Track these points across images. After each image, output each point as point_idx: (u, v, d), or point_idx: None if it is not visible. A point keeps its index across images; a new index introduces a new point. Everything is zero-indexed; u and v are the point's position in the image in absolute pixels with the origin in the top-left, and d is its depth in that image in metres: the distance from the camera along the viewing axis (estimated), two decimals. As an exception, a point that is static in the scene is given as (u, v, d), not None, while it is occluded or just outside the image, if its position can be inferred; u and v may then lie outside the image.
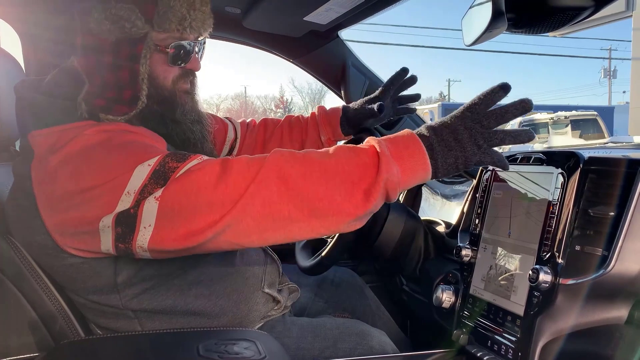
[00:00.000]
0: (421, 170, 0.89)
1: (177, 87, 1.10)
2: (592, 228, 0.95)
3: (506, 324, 1.03)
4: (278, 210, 0.86)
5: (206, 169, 0.89)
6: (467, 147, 0.89)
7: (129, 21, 1.00)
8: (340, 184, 0.87)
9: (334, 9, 1.57)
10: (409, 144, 0.90)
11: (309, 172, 0.87)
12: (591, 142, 10.76)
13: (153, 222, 0.88)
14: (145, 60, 1.03)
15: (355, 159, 0.89)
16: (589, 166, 0.99)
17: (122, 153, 0.93)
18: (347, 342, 1.19)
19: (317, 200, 0.86)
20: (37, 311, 1.02)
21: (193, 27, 1.06)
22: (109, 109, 1.02)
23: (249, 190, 0.86)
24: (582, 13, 1.01)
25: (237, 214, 0.86)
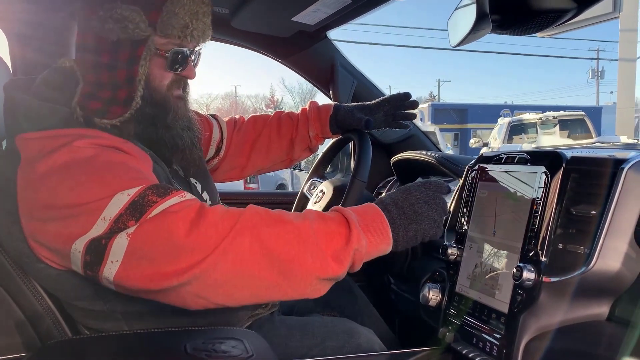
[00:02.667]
0: (385, 244, 0.95)
1: (171, 93, 1.11)
2: (575, 227, 0.96)
3: (491, 321, 1.05)
4: (249, 269, 0.87)
5: (182, 214, 0.88)
6: (424, 221, 0.98)
7: (133, 22, 1.01)
8: (311, 248, 0.89)
9: (322, 10, 1.57)
10: (375, 218, 0.95)
11: (282, 232, 0.89)
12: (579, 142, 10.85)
13: (120, 258, 0.87)
14: (144, 62, 1.04)
15: (326, 227, 0.91)
16: (571, 166, 1.00)
17: (105, 175, 0.92)
18: (335, 340, 1.20)
19: (288, 262, 0.88)
20: (24, 311, 1.02)
21: (194, 36, 1.08)
22: (104, 112, 1.02)
23: (221, 245, 0.86)
24: (564, 15, 1.03)
25: (206, 267, 0.85)
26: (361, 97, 1.95)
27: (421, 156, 1.69)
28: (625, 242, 0.91)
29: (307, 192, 1.77)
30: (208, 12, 1.11)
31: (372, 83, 2.03)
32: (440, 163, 1.60)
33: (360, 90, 1.98)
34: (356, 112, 1.49)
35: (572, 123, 13.20)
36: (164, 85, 1.10)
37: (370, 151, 1.40)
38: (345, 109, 1.51)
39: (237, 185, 4.84)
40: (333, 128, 1.51)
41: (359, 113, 1.48)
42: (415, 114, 1.55)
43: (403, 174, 1.84)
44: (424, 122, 16.46)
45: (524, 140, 12.61)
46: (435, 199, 1.00)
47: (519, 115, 15.70)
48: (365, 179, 1.33)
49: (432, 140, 2.12)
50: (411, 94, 1.49)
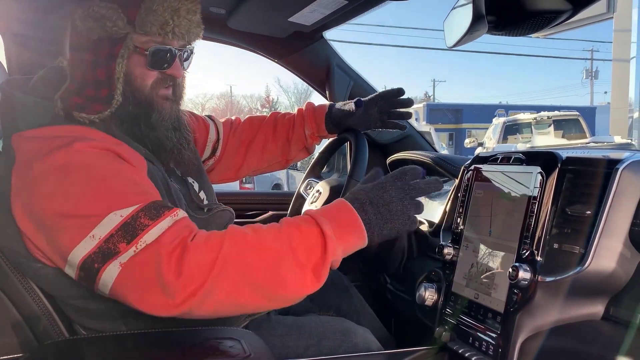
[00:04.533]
0: (359, 244, 0.98)
1: (156, 92, 1.10)
2: (570, 226, 0.97)
3: (487, 320, 1.05)
4: (235, 299, 0.90)
5: (169, 248, 0.88)
6: (399, 220, 0.99)
7: (111, 20, 1.01)
8: (292, 268, 0.91)
9: (318, 10, 1.58)
10: (350, 222, 0.96)
11: (263, 259, 0.90)
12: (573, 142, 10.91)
13: (111, 284, 0.90)
14: (122, 60, 1.03)
15: (304, 242, 0.93)
16: (566, 166, 1.01)
17: (100, 189, 0.92)
18: (332, 340, 1.20)
19: (271, 287, 0.91)
20: (21, 312, 1.02)
21: (176, 33, 1.06)
22: (84, 107, 1.02)
23: (206, 284, 0.86)
24: (560, 16, 1.04)
25: (193, 306, 0.87)
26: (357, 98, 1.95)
27: (417, 156, 1.70)
28: (620, 242, 0.91)
29: (304, 192, 1.77)
30: (193, 9, 1.09)
31: (368, 83, 2.04)
32: (436, 163, 1.61)
33: (356, 91, 1.98)
34: (347, 103, 1.50)
35: (567, 123, 13.25)
36: (147, 84, 1.08)
37: (366, 151, 1.41)
38: (339, 107, 1.52)
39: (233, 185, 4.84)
40: (329, 126, 1.52)
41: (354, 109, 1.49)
42: (410, 112, 1.55)
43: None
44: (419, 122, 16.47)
45: (518, 140, 12.66)
46: (409, 193, 1.00)
47: (513, 115, 15.75)
48: (362, 179, 1.33)
49: (428, 140, 2.13)
50: (404, 90, 1.49)
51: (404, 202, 0.99)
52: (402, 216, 0.99)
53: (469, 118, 22.55)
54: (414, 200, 1.01)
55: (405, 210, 0.99)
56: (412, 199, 1.01)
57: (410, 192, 1.01)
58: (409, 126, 2.08)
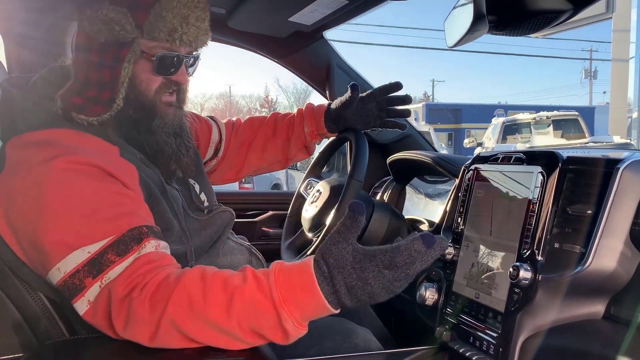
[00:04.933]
0: (323, 313, 0.88)
1: (159, 97, 1.10)
2: (571, 226, 0.97)
3: (488, 320, 1.05)
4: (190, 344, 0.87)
5: (120, 296, 0.86)
6: (377, 296, 0.85)
7: (119, 24, 1.01)
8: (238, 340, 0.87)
9: (318, 10, 1.58)
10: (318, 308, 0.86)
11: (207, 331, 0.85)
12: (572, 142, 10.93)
13: (81, 313, 0.91)
14: (128, 65, 1.03)
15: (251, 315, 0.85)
16: (567, 165, 1.01)
17: (72, 217, 0.90)
18: (333, 340, 1.20)
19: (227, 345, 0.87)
20: (21, 312, 1.02)
21: (184, 40, 1.06)
22: (83, 108, 1.02)
23: (153, 342, 0.86)
24: (561, 16, 1.04)
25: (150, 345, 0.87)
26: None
27: (417, 156, 1.69)
28: (620, 242, 0.92)
29: (304, 192, 1.77)
30: (202, 16, 1.09)
31: (368, 83, 2.04)
32: (436, 163, 1.61)
33: (356, 90, 1.98)
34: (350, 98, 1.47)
35: (566, 123, 13.27)
36: (151, 89, 1.08)
37: (366, 151, 1.41)
38: (337, 104, 1.50)
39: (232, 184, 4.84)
40: (328, 124, 1.51)
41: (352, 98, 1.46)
42: (409, 110, 1.52)
43: (399, 173, 1.84)
44: (418, 122, 16.50)
45: (517, 140, 12.68)
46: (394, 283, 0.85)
47: (512, 115, 15.77)
48: (362, 178, 1.33)
49: (427, 140, 2.13)
50: (402, 84, 1.45)
51: (389, 289, 0.85)
52: (381, 291, 0.84)
53: (468, 118, 22.57)
54: (401, 280, 0.85)
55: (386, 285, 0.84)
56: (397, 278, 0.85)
57: (394, 283, 0.85)
58: (409, 126, 2.08)
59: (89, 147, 1.00)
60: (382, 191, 1.89)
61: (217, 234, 1.25)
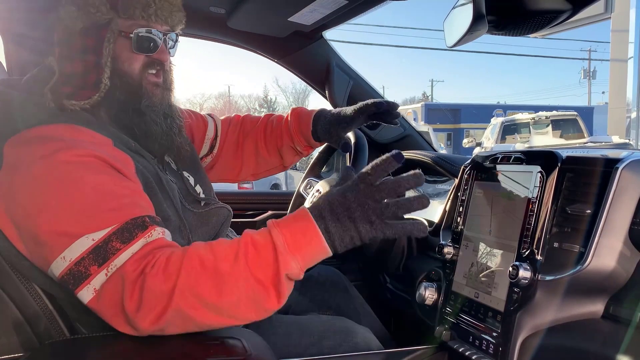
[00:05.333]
0: (320, 253, 0.91)
1: (144, 77, 1.11)
2: (570, 225, 0.98)
3: (487, 319, 1.06)
4: (200, 321, 0.89)
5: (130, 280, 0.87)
6: (360, 226, 0.89)
7: (94, 6, 1.04)
8: (252, 288, 0.88)
9: (318, 10, 1.58)
10: (306, 231, 0.90)
11: (221, 283, 0.87)
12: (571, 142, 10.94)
13: (85, 303, 0.90)
14: (108, 44, 1.05)
15: (259, 260, 0.88)
16: (566, 165, 1.01)
17: (76, 207, 0.91)
18: (332, 339, 1.21)
19: (234, 308, 0.89)
20: (22, 311, 1.02)
21: (159, 15, 1.09)
22: (73, 94, 1.03)
23: (167, 312, 0.86)
24: (560, 16, 1.04)
25: (156, 331, 0.89)
26: (357, 97, 1.95)
27: (417, 156, 1.70)
28: (619, 241, 0.92)
29: (304, 191, 1.77)
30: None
31: (368, 83, 2.04)
32: (436, 163, 1.61)
33: (355, 90, 1.98)
34: (333, 128, 1.39)
35: (565, 123, 13.29)
36: (134, 68, 1.10)
37: (366, 151, 1.41)
38: (322, 125, 1.42)
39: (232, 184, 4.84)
40: (317, 138, 1.46)
41: (337, 129, 1.39)
42: (398, 113, 1.41)
43: (398, 173, 1.85)
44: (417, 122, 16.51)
45: (516, 140, 12.69)
46: (373, 196, 0.90)
47: (511, 115, 15.78)
48: None
49: (426, 140, 2.13)
50: (384, 104, 1.34)
51: (365, 208, 0.89)
52: (363, 223, 0.89)
53: (467, 118, 22.58)
54: (379, 204, 0.90)
55: (366, 216, 0.89)
56: (377, 202, 0.90)
57: (374, 194, 0.90)
58: (409, 126, 2.08)
59: (86, 140, 1.01)
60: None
61: (215, 231, 1.25)
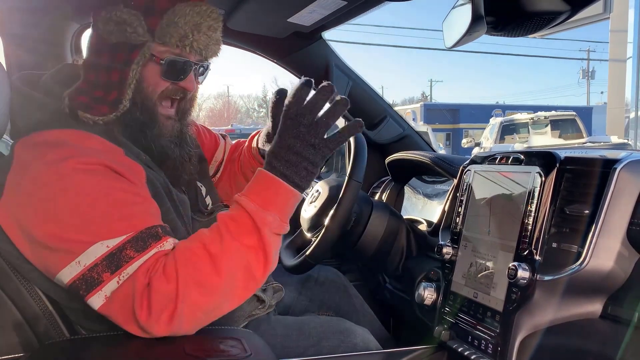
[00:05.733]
0: (290, 197, 0.97)
1: (159, 105, 1.10)
2: (568, 226, 0.98)
3: (486, 319, 1.06)
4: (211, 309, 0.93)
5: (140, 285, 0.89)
6: (306, 154, 0.96)
7: (131, 26, 1.03)
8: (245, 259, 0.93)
9: (317, 11, 1.58)
10: (268, 186, 0.96)
11: (218, 265, 0.92)
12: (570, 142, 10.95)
13: (96, 309, 0.91)
14: (137, 67, 1.04)
15: (241, 228, 0.94)
16: (565, 166, 1.02)
17: (89, 214, 0.92)
18: (331, 340, 1.21)
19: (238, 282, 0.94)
20: (22, 312, 1.02)
21: (194, 47, 1.07)
22: (90, 107, 1.02)
23: (177, 309, 0.89)
24: (558, 17, 1.04)
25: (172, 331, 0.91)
26: (356, 98, 1.96)
27: (416, 156, 1.70)
28: (617, 241, 0.92)
29: (303, 192, 1.77)
30: (215, 26, 1.10)
31: (367, 83, 2.04)
32: (434, 163, 1.62)
33: (355, 91, 1.99)
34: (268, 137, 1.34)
35: (563, 123, 13.29)
36: (155, 94, 1.09)
37: (365, 152, 1.41)
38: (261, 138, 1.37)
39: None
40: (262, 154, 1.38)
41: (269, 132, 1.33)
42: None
43: (397, 173, 1.85)
44: (416, 122, 16.52)
45: (515, 140, 12.69)
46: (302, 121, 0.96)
47: (510, 115, 15.79)
48: (361, 179, 1.34)
49: (425, 140, 2.13)
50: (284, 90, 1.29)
51: (301, 137, 0.96)
52: (307, 150, 0.96)
53: (466, 118, 22.59)
54: (310, 126, 0.96)
55: (306, 143, 0.96)
56: (307, 126, 0.96)
57: (301, 121, 0.96)
58: (407, 126, 2.08)
59: (96, 148, 1.00)
60: (381, 191, 1.89)
61: None
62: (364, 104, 2.00)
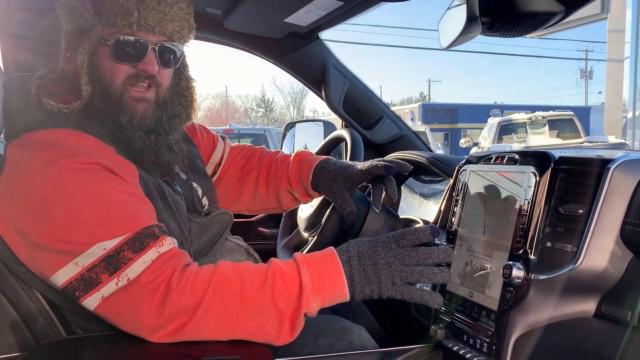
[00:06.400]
0: (339, 298, 0.94)
1: (126, 90, 1.05)
2: (563, 225, 0.99)
3: (481, 318, 1.07)
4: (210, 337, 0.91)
5: (151, 287, 0.88)
6: (382, 283, 0.94)
7: (78, 12, 1.03)
8: (271, 319, 0.91)
9: (314, 11, 1.59)
10: (332, 275, 0.93)
11: (245, 308, 0.90)
12: (568, 142, 10.98)
13: (92, 309, 0.91)
14: (83, 51, 1.02)
15: (285, 292, 0.92)
16: (559, 165, 1.02)
17: (86, 216, 0.91)
18: (328, 338, 1.21)
19: (249, 334, 0.92)
20: (18, 311, 1.02)
21: (142, 25, 1.01)
22: (54, 94, 1.03)
23: (187, 326, 0.89)
24: (553, 18, 1.05)
25: (171, 340, 0.90)
26: (353, 98, 1.96)
27: (412, 156, 1.71)
28: (611, 240, 0.93)
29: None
30: (168, 1, 1.03)
31: (364, 84, 2.05)
32: (431, 163, 1.62)
33: (351, 91, 1.99)
34: (337, 186, 1.31)
35: (561, 123, 13.32)
36: (116, 79, 1.04)
37: (362, 152, 1.42)
38: (325, 180, 1.33)
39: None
40: (316, 190, 1.37)
41: (341, 188, 1.31)
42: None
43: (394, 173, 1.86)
44: (414, 122, 16.53)
45: (513, 140, 12.72)
46: (402, 259, 0.95)
47: (508, 115, 15.82)
48: None
49: (423, 140, 2.14)
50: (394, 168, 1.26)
51: (392, 268, 0.94)
52: (386, 281, 0.93)
53: (464, 118, 22.64)
54: (406, 267, 0.94)
55: (390, 276, 0.94)
56: (404, 265, 0.94)
57: (404, 258, 0.95)
58: (404, 126, 2.09)
59: (90, 147, 1.00)
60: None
61: (217, 237, 1.26)
62: (361, 104, 2.01)
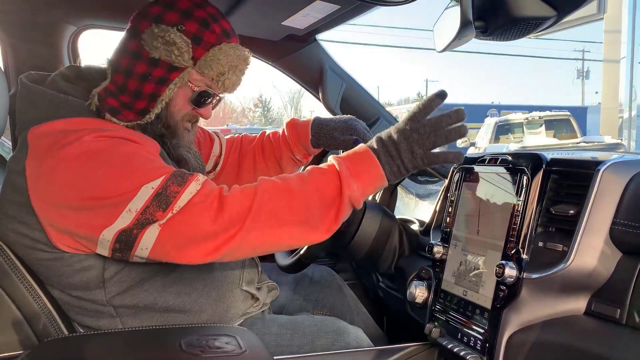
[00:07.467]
0: (378, 180, 1.02)
1: (183, 123, 1.19)
2: (554, 225, 1.01)
3: (475, 317, 1.09)
4: (269, 240, 1.00)
5: (206, 204, 0.98)
6: (403, 155, 1.02)
7: (180, 50, 1.08)
8: (317, 209, 1.00)
9: (311, 15, 1.60)
10: (364, 159, 1.03)
11: (292, 203, 1.00)
12: (564, 142, 11.00)
13: (150, 246, 0.98)
14: (174, 87, 1.11)
15: (325, 182, 1.01)
16: (551, 167, 1.05)
17: (125, 168, 0.98)
18: (325, 339, 1.23)
19: (301, 226, 1.00)
20: (21, 310, 1.04)
21: (225, 84, 1.16)
22: (117, 111, 1.08)
23: (244, 226, 0.97)
24: (545, 22, 1.07)
25: (234, 245, 0.97)
26: (350, 100, 1.98)
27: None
28: (601, 240, 0.95)
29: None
30: (245, 70, 1.20)
31: (361, 85, 2.06)
32: (426, 164, 1.64)
33: (349, 93, 2.01)
34: (337, 133, 1.43)
35: (558, 123, 13.34)
36: (181, 113, 1.17)
37: None
38: (325, 134, 1.44)
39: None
40: (315, 145, 1.47)
41: (340, 134, 1.42)
42: None
43: None
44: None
45: (510, 140, 12.73)
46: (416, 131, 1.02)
47: (505, 115, 15.82)
48: None
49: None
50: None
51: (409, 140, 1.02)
52: (406, 153, 1.02)
53: (461, 118, 22.60)
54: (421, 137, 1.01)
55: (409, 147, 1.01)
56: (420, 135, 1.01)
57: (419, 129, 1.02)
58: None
59: (111, 128, 1.06)
60: (374, 191, 1.91)
61: None
62: (358, 106, 2.02)
